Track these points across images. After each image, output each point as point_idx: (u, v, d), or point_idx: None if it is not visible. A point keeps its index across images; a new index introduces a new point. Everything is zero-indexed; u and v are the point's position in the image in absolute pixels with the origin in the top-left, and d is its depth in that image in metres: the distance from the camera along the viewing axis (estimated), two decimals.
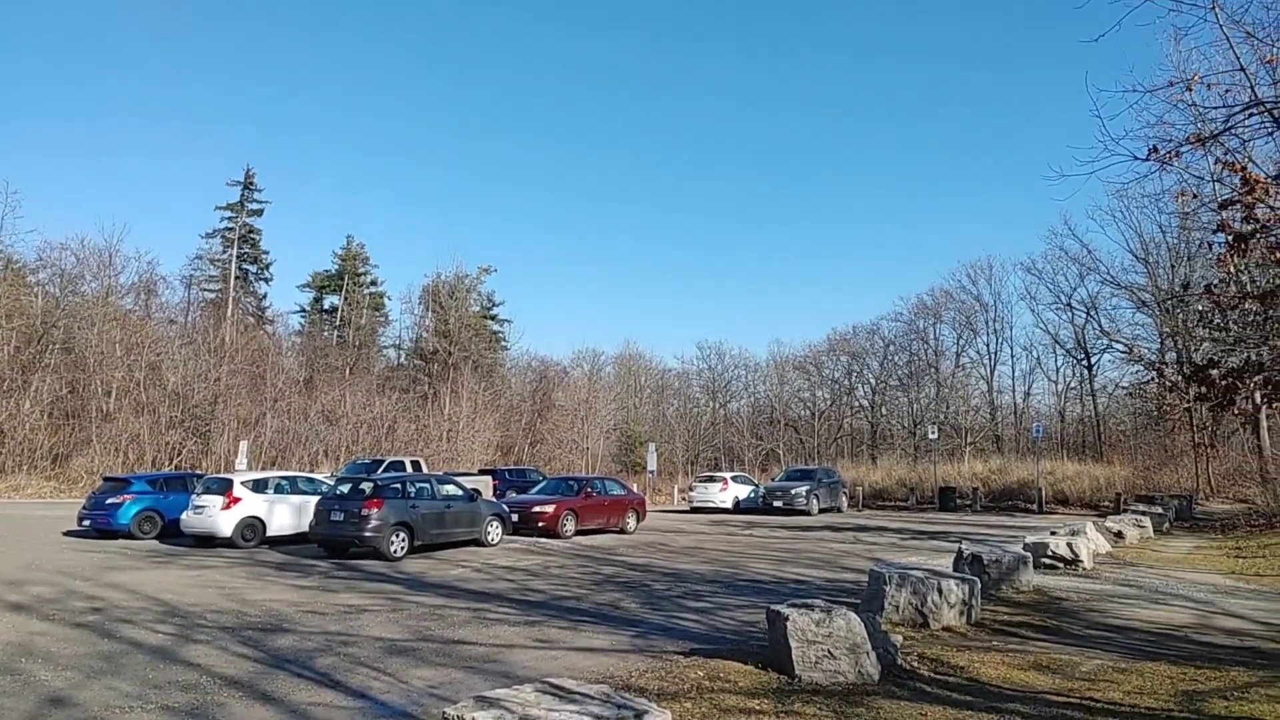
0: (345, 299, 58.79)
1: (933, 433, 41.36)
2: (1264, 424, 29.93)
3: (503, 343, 60.73)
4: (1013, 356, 56.36)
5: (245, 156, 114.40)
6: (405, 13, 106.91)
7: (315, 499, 16.74)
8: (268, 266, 58.36)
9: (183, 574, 13.05)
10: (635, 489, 28.00)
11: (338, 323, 58.91)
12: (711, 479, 33.05)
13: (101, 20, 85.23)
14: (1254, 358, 18.55)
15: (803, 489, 30.27)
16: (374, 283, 61.83)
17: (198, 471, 27.03)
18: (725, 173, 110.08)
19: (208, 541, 16.77)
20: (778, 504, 30.02)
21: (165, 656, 7.59)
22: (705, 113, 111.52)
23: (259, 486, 17.47)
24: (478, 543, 17.49)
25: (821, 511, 30.39)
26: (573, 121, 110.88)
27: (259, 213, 56.97)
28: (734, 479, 32.99)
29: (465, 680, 6.82)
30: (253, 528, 16.93)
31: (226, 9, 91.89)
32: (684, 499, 35.56)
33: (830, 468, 38.71)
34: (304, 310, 60.71)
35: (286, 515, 17.41)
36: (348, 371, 49.52)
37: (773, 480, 34.93)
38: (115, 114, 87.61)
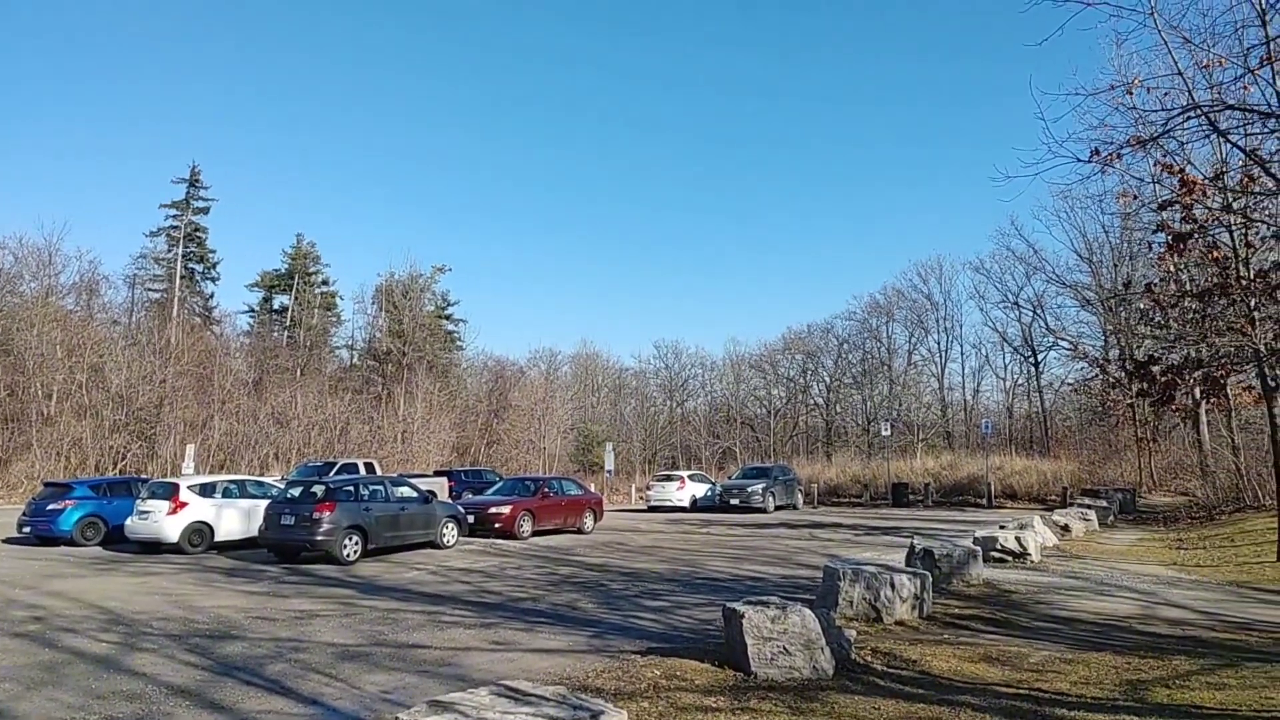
0: (296, 299, 57.73)
1: (886, 430, 41.93)
2: (1203, 419, 30.80)
3: (458, 343, 60.23)
4: (962, 354, 57.55)
5: (190, 154, 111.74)
6: (361, 6, 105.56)
7: (265, 503, 16.42)
8: (214, 266, 57.18)
9: (128, 581, 12.72)
10: (593, 489, 27.97)
11: (288, 323, 57.79)
12: (669, 478, 33.14)
13: (37, 19, 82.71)
14: (1193, 355, 19.11)
15: (759, 487, 30.50)
16: (325, 282, 60.89)
17: (143, 476, 26.42)
18: (681, 171, 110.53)
19: (154, 548, 16.38)
20: (734, 502, 30.17)
21: (109, 666, 7.39)
22: (661, 108, 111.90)
23: (206, 490, 17.09)
24: (433, 545, 17.31)
25: (777, 509, 30.64)
26: (528, 118, 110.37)
27: (205, 211, 55.83)
28: (691, 478, 33.10)
29: (419, 685, 6.75)
30: (200, 533, 16.54)
31: (172, 4, 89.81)
32: (641, 498, 35.59)
33: (786, 465, 39.11)
34: (253, 310, 59.45)
35: (235, 520, 17.04)
36: (299, 373, 48.62)
37: (729, 478, 35.10)
38: (52, 111, 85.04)
